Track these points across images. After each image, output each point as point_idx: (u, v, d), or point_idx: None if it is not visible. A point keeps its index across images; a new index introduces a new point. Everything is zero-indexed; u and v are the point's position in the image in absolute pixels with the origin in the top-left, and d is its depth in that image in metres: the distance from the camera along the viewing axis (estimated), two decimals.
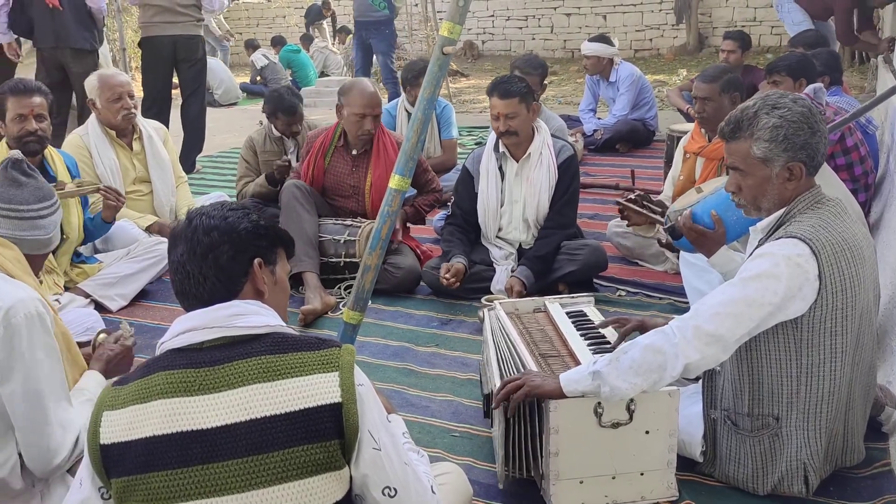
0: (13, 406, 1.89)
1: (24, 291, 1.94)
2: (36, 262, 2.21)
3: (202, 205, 1.60)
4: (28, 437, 1.91)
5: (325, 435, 1.37)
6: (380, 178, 4.00)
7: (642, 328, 2.41)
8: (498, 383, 2.22)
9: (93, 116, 4.26)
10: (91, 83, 4.25)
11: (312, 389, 1.38)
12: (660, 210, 3.50)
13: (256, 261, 1.51)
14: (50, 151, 3.72)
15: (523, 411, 2.18)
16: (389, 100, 7.48)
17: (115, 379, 1.54)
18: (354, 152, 4.09)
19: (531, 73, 5.11)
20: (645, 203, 3.49)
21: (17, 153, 2.24)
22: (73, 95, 5.89)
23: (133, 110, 4.21)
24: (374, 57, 8.39)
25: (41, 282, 3.16)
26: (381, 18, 7.63)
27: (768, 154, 2.12)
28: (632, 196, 3.58)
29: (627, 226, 3.83)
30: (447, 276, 3.58)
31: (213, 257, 1.46)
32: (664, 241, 3.22)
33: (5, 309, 1.87)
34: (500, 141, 3.77)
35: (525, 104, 3.63)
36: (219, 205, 1.55)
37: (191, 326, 1.44)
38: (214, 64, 10.37)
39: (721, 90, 3.57)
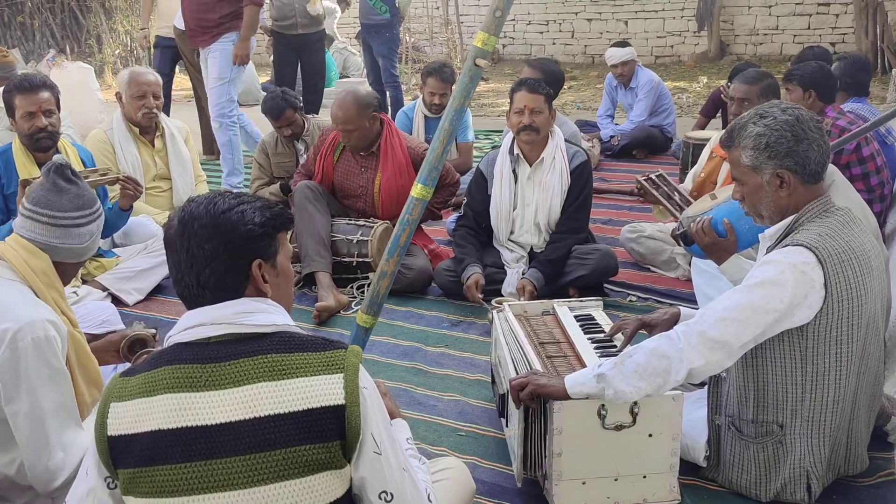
0: (17, 425, 1.90)
1: (36, 313, 1.91)
2: (68, 272, 2.15)
3: (193, 201, 1.51)
4: (29, 456, 1.90)
5: (327, 436, 1.38)
6: (388, 180, 4.03)
7: (645, 326, 2.43)
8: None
9: (118, 112, 4.34)
10: (122, 77, 4.35)
11: (316, 390, 1.39)
12: (677, 199, 3.55)
13: (255, 263, 1.48)
14: (64, 145, 3.77)
15: (541, 410, 2.19)
16: (391, 104, 7.47)
17: (123, 370, 1.55)
18: (362, 154, 4.13)
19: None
20: (663, 185, 3.60)
21: (61, 158, 2.18)
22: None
23: (154, 110, 4.28)
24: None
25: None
26: (381, 22, 7.60)
27: (755, 162, 2.15)
28: (652, 176, 3.69)
29: (643, 202, 3.93)
30: (478, 295, 3.60)
31: (209, 271, 1.45)
32: (675, 233, 3.26)
33: (13, 332, 1.86)
34: (514, 143, 3.80)
35: (548, 105, 3.71)
36: (211, 203, 1.48)
37: (198, 322, 1.45)
38: None
39: (761, 94, 3.58)
